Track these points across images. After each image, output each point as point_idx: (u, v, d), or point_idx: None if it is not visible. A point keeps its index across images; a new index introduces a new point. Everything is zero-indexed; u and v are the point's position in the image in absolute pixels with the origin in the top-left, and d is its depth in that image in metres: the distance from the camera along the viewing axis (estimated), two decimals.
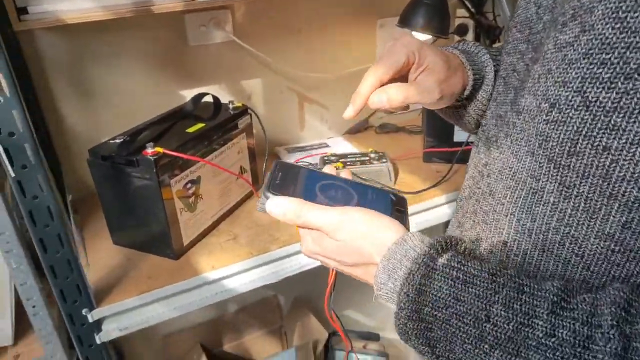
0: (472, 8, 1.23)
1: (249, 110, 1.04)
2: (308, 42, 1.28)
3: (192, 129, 0.93)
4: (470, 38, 1.36)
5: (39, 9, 0.89)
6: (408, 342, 0.44)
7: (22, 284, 0.74)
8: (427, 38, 1.15)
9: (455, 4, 1.33)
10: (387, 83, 0.54)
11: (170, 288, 0.82)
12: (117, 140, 0.86)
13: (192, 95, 1.01)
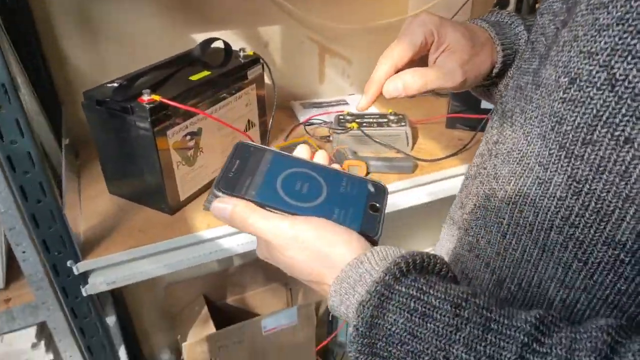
0: None
1: (261, 60, 0.97)
2: None
3: (196, 77, 0.86)
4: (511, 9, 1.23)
5: None
6: None
7: (10, 229, 0.71)
8: None
9: None
10: (404, 68, 0.49)
11: (161, 245, 0.78)
12: (114, 84, 0.81)
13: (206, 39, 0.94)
